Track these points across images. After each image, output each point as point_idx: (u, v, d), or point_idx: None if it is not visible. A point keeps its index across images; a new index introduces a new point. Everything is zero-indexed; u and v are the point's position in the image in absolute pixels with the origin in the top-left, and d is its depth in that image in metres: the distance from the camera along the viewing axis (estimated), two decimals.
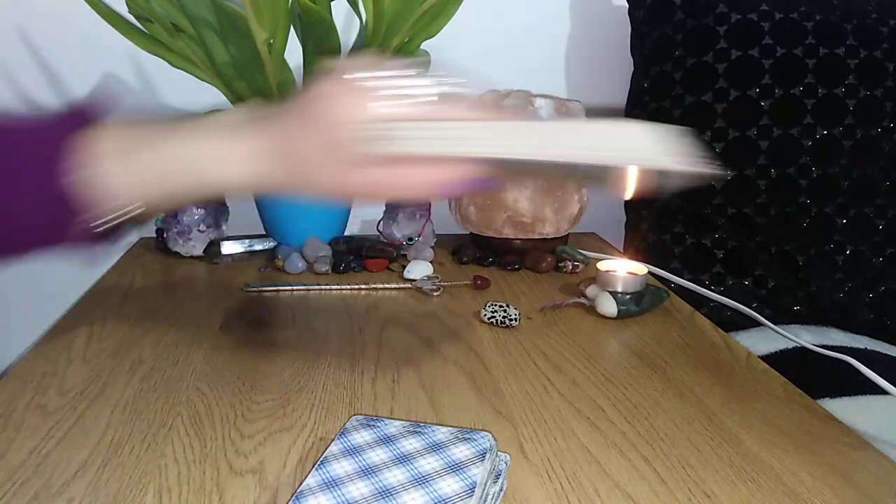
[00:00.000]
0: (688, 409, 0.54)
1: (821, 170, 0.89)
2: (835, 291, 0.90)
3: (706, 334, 0.70)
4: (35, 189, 0.44)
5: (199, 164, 0.46)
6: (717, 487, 0.44)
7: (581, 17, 1.10)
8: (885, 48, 0.90)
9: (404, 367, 0.60)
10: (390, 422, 0.43)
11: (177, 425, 0.51)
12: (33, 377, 0.58)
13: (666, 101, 0.94)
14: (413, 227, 0.93)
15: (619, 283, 0.73)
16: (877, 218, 0.91)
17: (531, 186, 0.87)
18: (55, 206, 0.44)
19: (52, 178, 0.44)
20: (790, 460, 0.48)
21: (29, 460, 0.46)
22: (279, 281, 0.82)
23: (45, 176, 0.44)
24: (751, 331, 0.84)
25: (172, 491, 0.43)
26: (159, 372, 0.59)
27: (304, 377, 0.58)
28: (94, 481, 0.44)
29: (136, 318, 0.71)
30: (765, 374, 0.61)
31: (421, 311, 0.74)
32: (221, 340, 0.65)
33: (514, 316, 0.70)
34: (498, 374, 0.59)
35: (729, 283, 0.91)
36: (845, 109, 0.89)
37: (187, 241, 0.89)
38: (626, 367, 0.61)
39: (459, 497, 0.36)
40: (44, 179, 0.44)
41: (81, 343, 0.64)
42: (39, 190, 0.44)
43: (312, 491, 0.37)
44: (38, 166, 0.44)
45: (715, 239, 0.92)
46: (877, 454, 0.49)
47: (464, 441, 0.41)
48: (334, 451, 0.40)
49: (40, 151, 0.44)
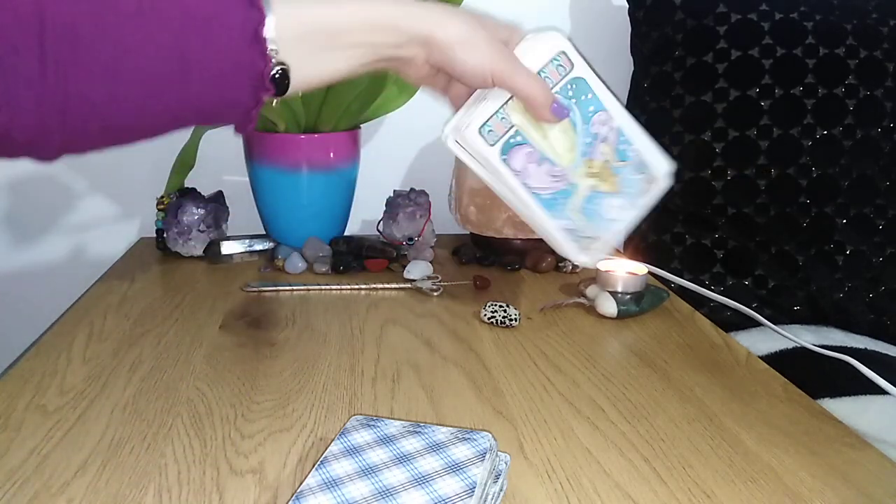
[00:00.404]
0: (688, 409, 0.54)
1: (821, 170, 0.89)
2: (835, 291, 0.90)
3: (706, 334, 0.70)
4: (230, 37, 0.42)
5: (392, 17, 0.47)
6: (717, 487, 0.44)
7: (581, 17, 1.10)
8: (885, 48, 0.90)
9: (404, 367, 0.60)
10: (390, 422, 0.43)
11: (177, 425, 0.51)
12: (33, 377, 0.58)
13: (666, 101, 0.94)
14: (413, 227, 0.93)
15: (619, 283, 0.73)
16: (877, 218, 0.91)
17: None
18: (246, 53, 0.42)
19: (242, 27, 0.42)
20: (790, 460, 0.48)
21: (29, 460, 0.46)
22: (279, 281, 0.82)
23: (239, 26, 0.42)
24: (751, 331, 0.84)
25: (172, 491, 0.43)
26: (159, 372, 0.59)
27: (304, 377, 0.58)
28: (94, 481, 0.44)
29: (136, 318, 0.71)
30: (765, 374, 0.61)
31: (421, 311, 0.74)
32: (221, 340, 0.65)
33: (514, 316, 0.70)
34: (498, 374, 0.59)
35: (729, 283, 0.91)
36: (845, 109, 0.89)
37: (187, 241, 0.89)
38: (626, 367, 0.61)
39: (459, 497, 0.36)
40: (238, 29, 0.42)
41: (81, 343, 0.65)
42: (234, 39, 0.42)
43: (312, 491, 0.37)
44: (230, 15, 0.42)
45: (715, 239, 0.92)
46: (877, 454, 0.49)
47: (464, 441, 0.41)
48: (334, 451, 0.40)
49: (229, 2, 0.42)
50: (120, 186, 1.08)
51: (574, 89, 0.52)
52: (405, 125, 1.09)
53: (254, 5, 0.42)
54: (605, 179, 0.54)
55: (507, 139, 0.51)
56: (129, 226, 1.10)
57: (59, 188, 1.06)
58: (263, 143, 0.89)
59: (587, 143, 0.53)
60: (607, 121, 0.53)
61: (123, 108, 0.41)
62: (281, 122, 0.87)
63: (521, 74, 0.49)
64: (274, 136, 0.88)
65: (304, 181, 0.89)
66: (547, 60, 0.51)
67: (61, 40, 0.38)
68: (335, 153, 0.90)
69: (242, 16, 0.42)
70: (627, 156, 0.55)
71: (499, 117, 0.51)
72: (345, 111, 0.89)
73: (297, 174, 0.89)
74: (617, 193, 0.55)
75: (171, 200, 0.91)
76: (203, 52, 0.41)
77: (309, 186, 0.89)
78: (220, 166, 1.07)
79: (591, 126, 0.53)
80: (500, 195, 0.54)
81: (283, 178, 0.89)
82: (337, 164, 0.90)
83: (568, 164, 0.53)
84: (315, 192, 0.90)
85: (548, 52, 0.51)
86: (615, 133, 0.54)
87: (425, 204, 0.94)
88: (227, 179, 1.08)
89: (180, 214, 0.88)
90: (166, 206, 0.91)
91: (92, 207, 1.08)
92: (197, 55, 0.41)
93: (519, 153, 0.52)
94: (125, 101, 0.41)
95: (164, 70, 0.40)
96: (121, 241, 1.08)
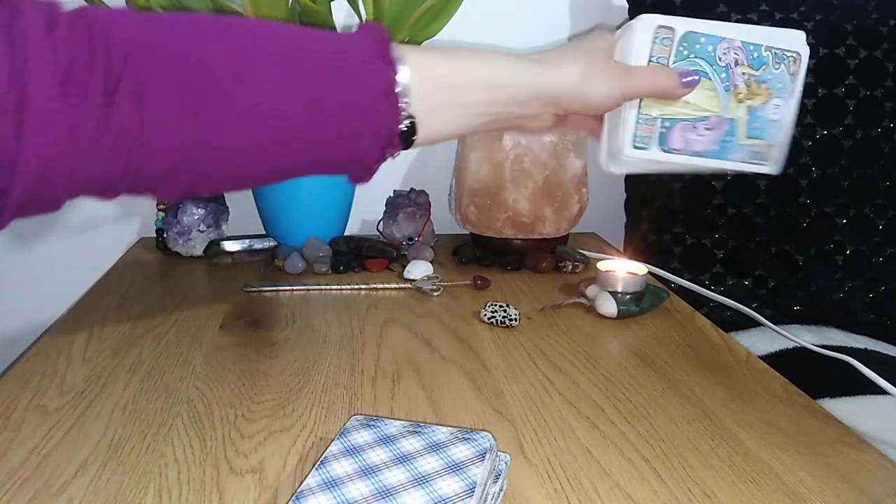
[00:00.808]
0: (688, 409, 0.54)
1: (821, 170, 0.89)
2: (835, 291, 0.90)
3: (706, 334, 0.70)
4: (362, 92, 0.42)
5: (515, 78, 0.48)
6: (717, 487, 0.44)
7: (581, 17, 1.10)
8: (885, 48, 0.90)
9: (404, 367, 0.60)
10: (390, 422, 0.43)
11: (177, 425, 0.51)
12: (33, 377, 0.58)
13: None
14: (413, 227, 0.93)
15: (619, 283, 0.73)
16: (877, 218, 0.91)
17: (531, 186, 0.87)
18: (376, 109, 0.43)
19: (377, 81, 0.42)
20: (790, 460, 0.48)
21: (29, 460, 0.46)
22: (279, 281, 0.82)
23: (373, 79, 0.42)
24: (751, 331, 0.84)
25: (172, 491, 0.43)
26: (159, 372, 0.59)
27: (304, 377, 0.58)
28: (94, 481, 0.44)
29: (136, 318, 0.71)
30: (765, 374, 0.61)
31: (421, 311, 0.74)
32: (221, 340, 0.65)
33: (514, 316, 0.70)
34: (498, 374, 0.59)
35: (729, 283, 0.91)
36: (845, 109, 0.89)
37: (187, 241, 0.89)
38: (626, 367, 0.61)
39: (459, 497, 0.36)
40: (371, 83, 0.42)
41: (81, 343, 0.65)
42: (366, 93, 0.42)
43: (312, 491, 0.37)
44: (365, 69, 0.42)
45: (715, 239, 0.92)
46: (877, 454, 0.49)
47: (464, 441, 0.41)
48: (334, 451, 0.40)
49: (363, 56, 0.42)
50: None
51: (687, 46, 0.53)
52: None
53: (387, 60, 0.42)
54: (755, 94, 0.55)
55: (657, 133, 0.53)
56: (129, 226, 1.10)
57: None
58: None
59: (723, 78, 0.54)
60: (729, 46, 0.54)
61: (253, 156, 0.41)
62: None
63: (643, 79, 0.51)
64: None
65: (304, 181, 0.89)
66: (650, 45, 0.52)
67: (200, 83, 0.37)
68: None
69: (377, 70, 0.42)
70: (763, 59, 0.55)
71: (642, 122, 0.53)
72: None
73: None
74: (772, 97, 0.56)
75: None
76: (336, 104, 0.41)
77: (309, 186, 0.89)
78: None
79: (718, 63, 0.54)
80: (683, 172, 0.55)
81: None
82: None
83: (717, 109, 0.54)
84: (315, 192, 0.90)
85: (647, 38, 0.52)
86: (742, 50, 0.54)
87: (425, 204, 0.94)
88: None
89: (180, 214, 0.88)
90: (166, 206, 0.91)
91: (92, 207, 1.08)
92: (330, 107, 0.41)
93: (674, 134, 0.54)
94: (255, 150, 0.40)
95: (296, 122, 0.40)
96: (121, 241, 1.08)
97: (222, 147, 0.39)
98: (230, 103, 0.38)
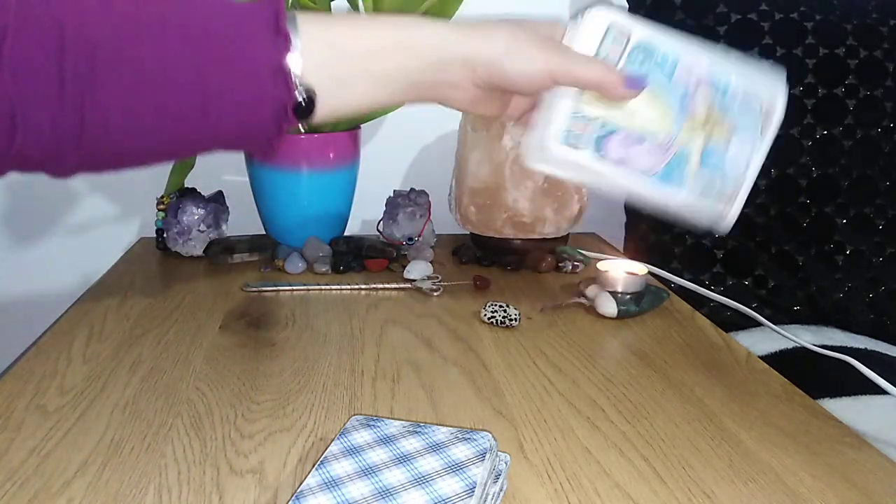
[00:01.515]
0: (688, 409, 0.54)
1: (821, 170, 0.89)
2: (835, 291, 0.90)
3: (706, 334, 0.70)
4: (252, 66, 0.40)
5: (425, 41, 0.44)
6: (717, 487, 0.44)
7: None
8: (885, 48, 0.90)
9: (404, 367, 0.60)
10: (390, 422, 0.43)
11: (177, 425, 0.51)
12: (33, 377, 0.58)
13: None
14: (413, 227, 0.93)
15: (619, 283, 0.73)
16: (877, 218, 0.91)
17: (531, 186, 0.87)
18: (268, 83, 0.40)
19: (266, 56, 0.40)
20: (790, 460, 0.48)
21: (29, 460, 0.46)
22: (279, 281, 0.82)
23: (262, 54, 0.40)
24: (751, 331, 0.84)
25: (172, 491, 0.43)
26: (159, 372, 0.59)
27: (304, 377, 0.58)
28: (94, 481, 0.44)
29: (136, 318, 0.71)
30: (765, 374, 0.61)
31: (421, 311, 0.74)
32: (221, 340, 0.65)
33: (514, 316, 0.70)
34: (498, 374, 0.59)
35: (729, 283, 0.91)
36: (845, 109, 0.89)
37: (187, 241, 0.89)
38: (626, 367, 0.61)
39: (459, 497, 0.36)
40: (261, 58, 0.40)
41: (81, 343, 0.65)
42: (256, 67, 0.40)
43: (312, 491, 0.37)
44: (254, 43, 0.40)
45: (715, 239, 0.92)
46: (877, 454, 0.49)
47: (464, 441, 0.41)
48: (334, 451, 0.40)
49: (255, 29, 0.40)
50: (120, 186, 1.08)
51: (643, 54, 0.48)
52: (405, 125, 1.09)
53: (279, 31, 0.40)
54: (715, 126, 0.50)
55: (594, 135, 0.47)
56: (129, 226, 1.10)
57: (59, 188, 1.06)
58: None
59: (680, 99, 0.49)
60: (693, 68, 0.49)
61: (141, 135, 0.39)
62: None
63: (579, 62, 0.46)
64: None
65: (304, 181, 0.89)
66: (600, 39, 0.47)
67: (81, 62, 0.36)
68: (335, 153, 0.90)
69: (267, 42, 0.40)
70: (730, 92, 0.50)
71: (576, 117, 0.47)
72: None
73: (297, 174, 0.89)
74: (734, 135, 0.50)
75: (171, 200, 0.91)
76: (224, 81, 0.40)
77: (309, 186, 0.89)
78: (220, 166, 1.07)
79: (676, 82, 0.48)
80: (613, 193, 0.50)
81: (283, 178, 0.89)
82: (337, 164, 0.90)
83: (667, 130, 0.49)
84: (315, 192, 0.90)
85: (597, 31, 0.47)
86: (707, 78, 0.49)
87: (425, 204, 0.94)
88: (227, 179, 1.08)
89: (180, 214, 0.88)
90: (166, 206, 0.91)
91: (92, 207, 1.08)
92: (218, 84, 0.39)
93: (613, 143, 0.48)
94: (143, 129, 0.39)
95: (183, 98, 0.39)
96: (121, 241, 1.08)
97: (107, 127, 0.38)
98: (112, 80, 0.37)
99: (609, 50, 0.47)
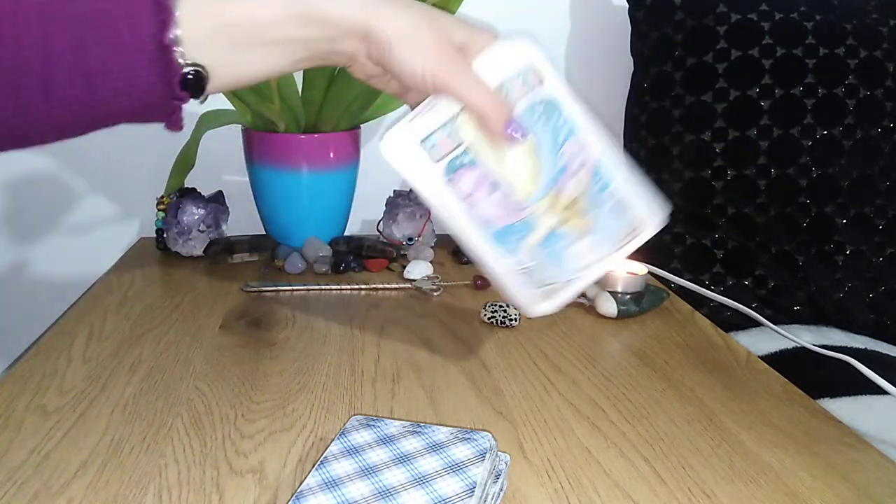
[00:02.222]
0: (688, 409, 0.54)
1: (821, 170, 0.89)
2: (835, 291, 0.90)
3: (706, 334, 0.70)
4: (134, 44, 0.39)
5: None
6: (717, 487, 0.44)
7: (581, 17, 1.10)
8: (885, 48, 0.90)
9: (404, 367, 0.60)
10: (390, 422, 0.43)
11: (177, 425, 0.51)
12: (33, 377, 0.58)
13: (666, 101, 0.94)
14: (413, 227, 0.93)
15: (619, 283, 0.73)
16: (877, 218, 0.91)
17: None
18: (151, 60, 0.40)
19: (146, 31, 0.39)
20: (790, 460, 0.48)
21: (29, 460, 0.46)
22: (279, 281, 0.82)
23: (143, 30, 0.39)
24: (751, 331, 0.84)
25: (172, 491, 0.43)
26: (159, 372, 0.59)
27: (304, 377, 0.58)
28: (94, 481, 0.44)
29: (136, 318, 0.71)
30: (765, 374, 0.61)
31: (421, 311, 0.74)
32: (221, 340, 0.65)
33: (514, 316, 0.70)
34: (498, 374, 0.59)
35: (729, 283, 0.91)
36: (845, 109, 0.89)
37: (187, 241, 0.89)
38: (626, 367, 0.61)
39: (459, 497, 0.36)
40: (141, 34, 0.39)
41: (81, 343, 0.65)
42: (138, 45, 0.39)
43: (312, 491, 0.37)
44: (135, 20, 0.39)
45: (715, 239, 0.92)
46: (877, 454, 0.49)
47: (464, 441, 0.41)
48: (334, 451, 0.40)
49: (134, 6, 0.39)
50: (120, 186, 1.08)
51: (544, 110, 0.46)
52: None
53: (160, 4, 0.39)
54: (573, 217, 0.48)
55: (453, 158, 0.45)
56: (129, 226, 1.10)
57: (59, 188, 1.06)
58: (263, 143, 0.89)
59: (555, 173, 0.46)
60: (583, 151, 0.47)
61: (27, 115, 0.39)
62: (281, 122, 0.87)
63: (466, 82, 0.44)
64: (274, 136, 0.88)
65: (304, 181, 0.89)
66: (511, 73, 0.45)
67: None
68: (335, 153, 0.90)
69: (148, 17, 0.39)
70: (605, 194, 0.48)
71: (446, 131, 0.45)
72: (345, 111, 0.89)
73: (297, 174, 0.89)
74: (590, 233, 0.49)
75: (171, 200, 0.91)
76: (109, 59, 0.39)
77: (309, 186, 0.89)
78: (220, 166, 1.07)
79: (560, 155, 0.46)
80: (443, 221, 0.47)
81: (283, 178, 0.89)
82: (337, 164, 0.90)
83: (527, 194, 0.46)
84: (315, 192, 0.90)
85: (513, 64, 0.45)
86: (591, 166, 0.47)
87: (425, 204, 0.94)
88: (227, 179, 1.08)
89: (180, 214, 0.88)
90: (166, 206, 0.91)
91: (92, 207, 1.08)
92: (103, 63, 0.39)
93: (467, 176, 0.45)
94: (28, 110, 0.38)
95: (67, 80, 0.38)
96: (121, 241, 1.08)
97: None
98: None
99: (513, 88, 0.45)
